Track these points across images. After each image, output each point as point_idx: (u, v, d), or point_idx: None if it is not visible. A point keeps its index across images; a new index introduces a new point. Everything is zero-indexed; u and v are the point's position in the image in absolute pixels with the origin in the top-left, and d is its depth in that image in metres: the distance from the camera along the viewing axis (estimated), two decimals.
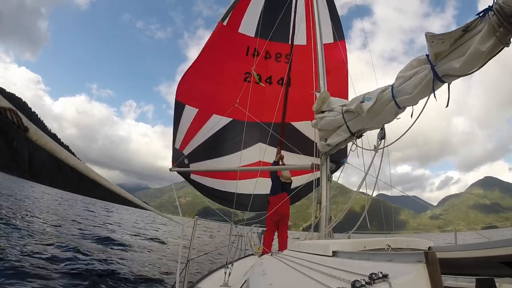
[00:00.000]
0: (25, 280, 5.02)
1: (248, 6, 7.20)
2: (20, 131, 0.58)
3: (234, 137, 7.13)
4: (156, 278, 7.12)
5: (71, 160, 0.78)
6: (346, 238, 3.12)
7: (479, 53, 1.83)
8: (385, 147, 2.78)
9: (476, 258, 1.12)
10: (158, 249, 12.42)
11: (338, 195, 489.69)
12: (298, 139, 6.83)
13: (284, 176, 5.89)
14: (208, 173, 7.46)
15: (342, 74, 6.75)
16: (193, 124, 7.08)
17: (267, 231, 5.77)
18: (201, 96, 7.07)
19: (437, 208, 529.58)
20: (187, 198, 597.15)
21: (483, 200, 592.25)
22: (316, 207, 3.70)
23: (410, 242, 1.71)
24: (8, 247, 6.85)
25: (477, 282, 1.36)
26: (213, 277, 3.55)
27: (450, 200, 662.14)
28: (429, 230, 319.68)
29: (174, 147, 7.12)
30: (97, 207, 44.43)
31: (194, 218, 4.09)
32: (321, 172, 3.82)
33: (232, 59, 7.10)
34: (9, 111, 0.54)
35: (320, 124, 3.55)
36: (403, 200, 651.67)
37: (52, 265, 6.27)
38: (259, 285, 1.44)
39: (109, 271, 6.69)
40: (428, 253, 0.76)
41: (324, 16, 6.61)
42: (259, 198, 6.54)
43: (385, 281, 0.73)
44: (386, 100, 2.63)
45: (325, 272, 1.06)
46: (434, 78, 2.17)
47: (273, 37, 7.17)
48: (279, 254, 2.59)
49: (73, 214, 21.29)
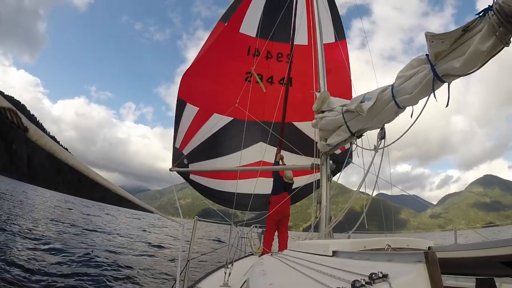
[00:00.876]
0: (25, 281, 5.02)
1: (249, 6, 7.20)
2: (20, 132, 0.58)
3: (234, 136, 7.12)
4: (156, 278, 7.12)
5: (70, 160, 0.78)
6: (346, 238, 3.12)
7: (479, 53, 1.82)
8: (385, 147, 2.78)
9: (476, 258, 1.12)
10: (158, 249, 12.42)
11: (338, 195, 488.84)
12: (300, 139, 6.83)
13: (287, 177, 5.88)
14: (207, 173, 7.44)
15: (344, 74, 6.74)
16: (193, 123, 7.07)
17: (267, 231, 5.75)
18: (202, 95, 7.06)
19: (437, 207, 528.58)
20: (187, 200, 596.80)
21: (483, 199, 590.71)
22: (316, 207, 3.70)
23: (410, 242, 1.70)
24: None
25: (477, 282, 1.36)
26: (213, 277, 3.54)
27: (450, 198, 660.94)
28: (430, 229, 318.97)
29: (174, 146, 7.11)
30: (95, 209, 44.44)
31: (194, 219, 4.09)
32: (321, 172, 3.81)
33: (233, 59, 7.10)
34: (9, 111, 0.54)
35: (320, 124, 3.54)
36: (403, 199, 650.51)
37: (51, 266, 6.27)
38: (259, 285, 1.44)
39: (109, 271, 6.70)
40: (428, 253, 0.76)
41: (325, 16, 6.62)
42: (259, 198, 6.53)
43: (385, 281, 0.73)
44: (386, 100, 2.63)
45: (325, 272, 1.06)
46: (434, 78, 2.17)
47: (274, 37, 7.17)
48: (279, 254, 2.59)
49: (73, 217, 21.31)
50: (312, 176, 4.08)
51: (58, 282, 5.37)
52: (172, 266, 8.66)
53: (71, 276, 5.88)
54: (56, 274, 5.75)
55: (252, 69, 6.56)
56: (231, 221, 5.00)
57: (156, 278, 7.14)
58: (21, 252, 6.82)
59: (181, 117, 7.02)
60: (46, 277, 5.47)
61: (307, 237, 3.65)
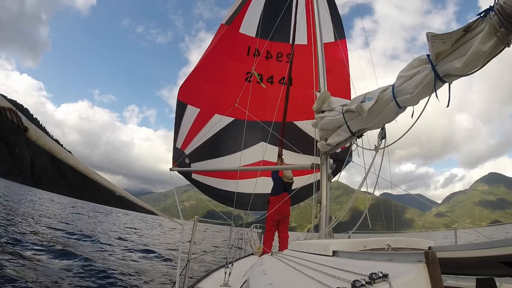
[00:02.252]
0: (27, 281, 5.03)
1: (249, 6, 7.20)
2: (21, 132, 0.58)
3: (235, 136, 7.13)
4: (156, 278, 7.13)
5: (70, 160, 0.78)
6: (346, 237, 3.12)
7: (480, 53, 1.82)
8: (386, 147, 2.78)
9: (476, 258, 1.12)
10: (159, 249, 12.43)
11: (342, 195, 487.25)
12: (302, 138, 6.84)
13: (286, 176, 5.87)
14: (209, 172, 7.45)
15: (343, 73, 6.76)
16: (195, 123, 7.09)
17: (267, 231, 5.74)
18: (203, 96, 7.09)
19: (441, 206, 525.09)
20: (191, 202, 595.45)
21: (488, 197, 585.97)
22: (316, 207, 3.69)
23: (410, 241, 1.70)
24: None
25: (477, 282, 1.36)
26: (213, 277, 3.54)
27: (454, 197, 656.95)
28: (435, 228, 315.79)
29: (175, 146, 7.12)
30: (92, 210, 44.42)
31: (194, 219, 4.08)
32: (321, 172, 3.81)
33: (233, 59, 7.11)
34: (9, 111, 0.54)
35: (321, 124, 3.54)
36: (407, 199, 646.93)
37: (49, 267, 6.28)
38: (259, 285, 1.44)
39: (109, 271, 6.70)
40: (428, 253, 0.76)
41: (325, 16, 6.62)
42: (261, 197, 6.54)
43: (385, 281, 0.73)
44: (386, 100, 2.63)
45: (325, 272, 1.06)
46: (435, 78, 2.17)
47: (274, 37, 7.18)
48: (279, 254, 2.59)
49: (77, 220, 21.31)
50: (312, 176, 4.08)
51: (58, 281, 5.38)
52: (172, 266, 8.67)
53: (70, 273, 5.89)
54: (56, 274, 5.77)
55: (252, 69, 6.57)
56: (231, 222, 5.00)
57: (156, 278, 7.14)
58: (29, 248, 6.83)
59: (182, 119, 7.05)
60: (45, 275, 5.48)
61: (307, 237, 3.64)
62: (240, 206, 7.00)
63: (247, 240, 7.00)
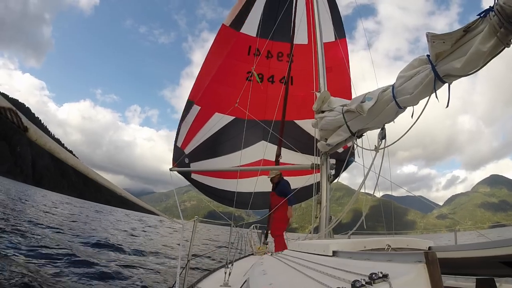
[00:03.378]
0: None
1: (249, 6, 7.22)
2: (20, 132, 0.58)
3: (236, 135, 7.14)
4: (156, 278, 7.12)
5: (70, 160, 0.78)
6: (346, 238, 3.12)
7: (480, 54, 1.82)
8: (386, 147, 2.78)
9: (476, 258, 1.12)
10: (159, 250, 12.43)
11: (344, 196, 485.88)
12: (302, 137, 6.84)
13: None
14: (209, 172, 7.45)
15: (344, 72, 6.77)
16: (195, 122, 7.11)
17: (279, 236, 5.48)
18: (204, 94, 7.12)
19: (443, 208, 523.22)
20: (192, 202, 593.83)
21: (490, 199, 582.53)
22: (316, 207, 3.69)
23: (410, 242, 1.70)
24: None
25: (477, 282, 1.36)
26: (213, 277, 3.54)
27: (456, 199, 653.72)
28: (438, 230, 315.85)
29: (176, 145, 7.12)
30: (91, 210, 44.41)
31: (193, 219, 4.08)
32: (321, 172, 3.81)
33: (234, 59, 7.14)
34: (9, 111, 0.54)
35: (320, 124, 3.54)
36: (409, 200, 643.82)
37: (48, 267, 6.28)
38: (259, 285, 1.44)
39: (109, 271, 6.70)
40: (428, 253, 0.76)
41: (325, 15, 6.63)
42: (261, 196, 6.53)
43: (385, 281, 0.73)
44: (386, 100, 2.63)
45: (325, 272, 1.06)
46: (435, 78, 2.17)
47: (274, 37, 7.19)
48: (279, 254, 2.59)
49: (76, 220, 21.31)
50: (313, 176, 4.08)
51: (57, 281, 5.38)
52: (172, 266, 8.66)
53: (69, 273, 5.89)
54: (55, 273, 5.76)
55: (252, 69, 6.58)
56: (231, 222, 5.00)
57: (156, 278, 7.14)
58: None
59: (185, 117, 7.10)
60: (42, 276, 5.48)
61: (307, 237, 3.64)
62: (240, 206, 7.00)
63: (247, 240, 7.00)
